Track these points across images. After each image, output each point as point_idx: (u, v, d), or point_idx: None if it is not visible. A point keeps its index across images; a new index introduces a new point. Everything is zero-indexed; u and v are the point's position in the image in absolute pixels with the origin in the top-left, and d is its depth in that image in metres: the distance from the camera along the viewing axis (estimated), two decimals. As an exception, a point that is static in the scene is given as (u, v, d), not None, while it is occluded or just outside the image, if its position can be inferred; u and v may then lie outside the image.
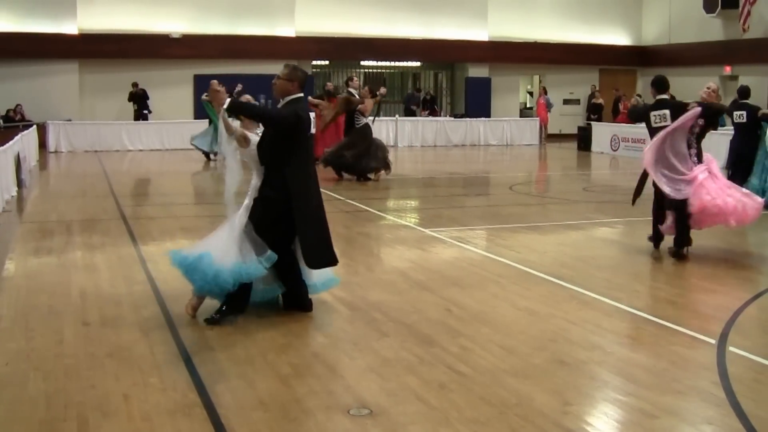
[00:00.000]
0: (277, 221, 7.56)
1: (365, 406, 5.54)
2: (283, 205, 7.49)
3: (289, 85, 7.58)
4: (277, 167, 7.51)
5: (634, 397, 5.75)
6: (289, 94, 7.59)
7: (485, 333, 7.25)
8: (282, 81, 7.58)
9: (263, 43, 30.37)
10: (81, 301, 8.25)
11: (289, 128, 7.45)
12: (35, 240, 11.60)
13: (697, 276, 8.69)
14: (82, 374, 6.15)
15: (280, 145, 7.48)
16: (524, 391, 5.83)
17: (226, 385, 5.94)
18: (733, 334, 7.20)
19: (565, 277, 9.25)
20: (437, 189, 16.93)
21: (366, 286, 8.85)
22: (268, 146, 7.55)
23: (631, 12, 36.17)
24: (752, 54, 29.42)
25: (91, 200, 15.84)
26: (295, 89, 7.59)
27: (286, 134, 7.46)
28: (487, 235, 12.59)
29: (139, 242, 11.29)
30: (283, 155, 7.47)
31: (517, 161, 26.81)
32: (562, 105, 34.85)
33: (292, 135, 7.47)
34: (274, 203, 7.54)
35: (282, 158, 7.47)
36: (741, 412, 5.46)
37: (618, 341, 7.22)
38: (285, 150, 7.47)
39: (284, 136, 7.46)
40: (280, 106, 7.67)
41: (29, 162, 20.02)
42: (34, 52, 27.57)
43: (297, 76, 7.62)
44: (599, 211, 14.75)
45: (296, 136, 7.49)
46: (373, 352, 6.75)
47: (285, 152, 7.47)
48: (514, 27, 33.93)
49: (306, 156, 7.70)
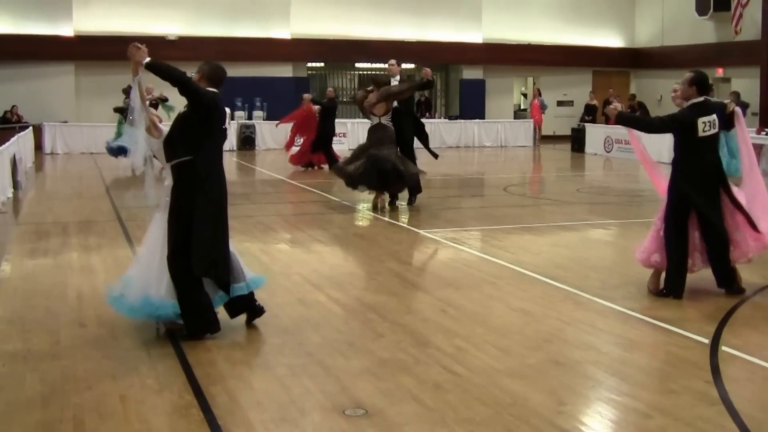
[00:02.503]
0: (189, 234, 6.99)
1: (361, 406, 5.55)
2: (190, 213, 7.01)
3: (207, 83, 7.20)
4: (186, 163, 7.00)
5: (629, 397, 5.77)
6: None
7: (480, 333, 7.27)
8: (196, 75, 7.21)
9: (259, 45, 30.36)
10: (77, 303, 8.26)
11: (207, 107, 7.05)
12: (31, 242, 11.61)
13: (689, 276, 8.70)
14: (79, 376, 6.16)
15: (193, 131, 7.02)
16: (519, 391, 5.84)
17: (222, 386, 5.95)
18: (726, 334, 7.22)
19: (560, 278, 9.27)
20: (432, 190, 16.93)
21: (361, 286, 8.87)
22: (180, 133, 7.09)
23: (624, 14, 36.22)
24: (744, 56, 29.46)
25: (87, 202, 15.85)
26: (207, 84, 7.20)
27: (201, 115, 7.03)
28: (482, 236, 12.61)
29: (135, 244, 11.26)
30: (195, 142, 6.99)
31: (512, 162, 26.84)
32: (555, 107, 34.87)
33: (206, 119, 7.07)
34: (183, 214, 7.00)
35: (193, 146, 6.99)
36: (734, 411, 5.48)
37: (612, 341, 7.24)
38: (196, 137, 7.01)
39: (198, 119, 7.03)
40: None
41: (25, 163, 20.00)
42: (30, 54, 27.50)
43: (210, 71, 7.31)
44: (593, 213, 14.79)
45: (210, 121, 7.09)
46: (368, 352, 6.77)
47: (196, 139, 7.00)
48: (508, 29, 33.95)
49: (217, 151, 7.27)
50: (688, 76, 8.47)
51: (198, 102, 7.01)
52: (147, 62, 6.93)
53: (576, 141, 29.53)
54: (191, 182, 6.96)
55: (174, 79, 6.92)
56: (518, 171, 24.40)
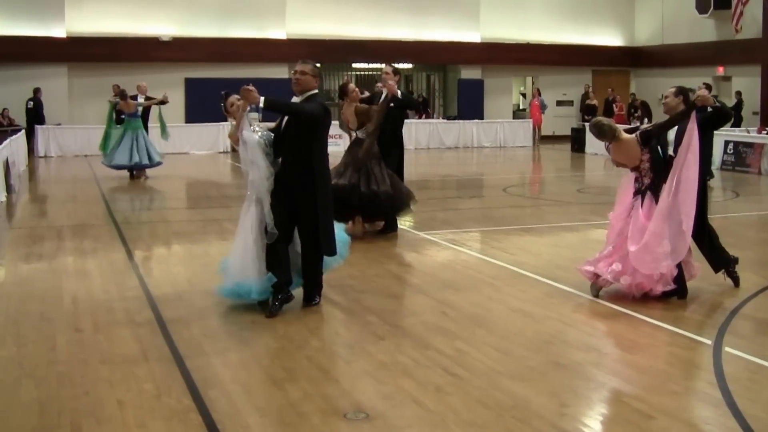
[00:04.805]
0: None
1: (361, 409, 5.51)
2: (298, 187, 7.86)
3: (313, 80, 7.99)
4: (302, 159, 7.84)
5: (631, 398, 5.74)
6: (311, 90, 7.98)
7: (481, 335, 7.23)
8: (308, 77, 7.94)
9: (254, 46, 30.21)
10: (73, 308, 8.20)
11: (319, 121, 7.87)
12: (25, 246, 11.54)
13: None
14: (76, 381, 6.11)
15: (307, 136, 7.83)
16: (521, 394, 5.81)
17: (221, 390, 5.91)
18: (728, 335, 7.20)
19: (560, 279, 9.23)
20: (431, 192, 16.91)
21: (360, 289, 8.81)
22: (294, 140, 7.84)
23: (624, 13, 36.15)
24: (745, 54, 29.41)
25: (81, 205, 15.78)
26: (317, 85, 8.04)
27: (313, 127, 7.84)
28: (482, 237, 12.57)
29: (130, 247, 11.24)
30: (311, 146, 7.84)
31: (511, 163, 26.79)
32: (555, 106, 34.81)
33: (318, 127, 7.88)
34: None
35: (308, 148, 7.83)
36: (737, 411, 5.46)
37: (614, 342, 7.21)
38: (312, 141, 7.84)
39: (311, 128, 7.84)
40: (301, 100, 7.98)
41: (18, 167, 19.86)
42: (22, 56, 27.18)
43: (319, 72, 8.07)
44: (594, 213, 14.72)
45: (322, 128, 7.93)
46: (368, 355, 6.73)
47: (312, 144, 7.85)
48: (506, 28, 33.87)
49: (326, 147, 8.11)
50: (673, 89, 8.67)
51: (315, 119, 7.83)
52: (264, 104, 7.62)
53: (576, 141, 29.46)
54: (307, 175, 7.82)
55: (290, 113, 7.90)
56: (518, 171, 24.38)
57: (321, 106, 7.96)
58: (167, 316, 7.75)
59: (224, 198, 16.61)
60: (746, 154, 22.01)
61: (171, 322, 7.57)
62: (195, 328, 7.43)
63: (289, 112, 7.96)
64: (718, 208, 14.58)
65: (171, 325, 7.50)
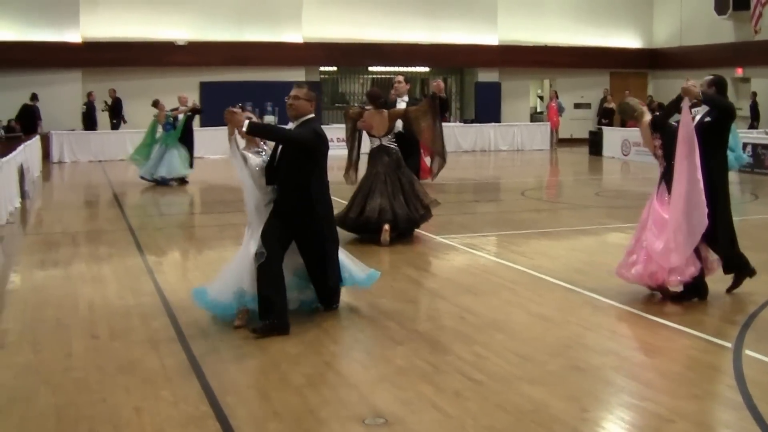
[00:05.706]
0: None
1: (380, 415, 5.49)
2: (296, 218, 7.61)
3: (308, 105, 7.71)
4: (297, 186, 7.59)
5: (651, 402, 5.69)
6: (306, 114, 7.70)
7: (500, 340, 7.19)
8: (302, 101, 7.67)
9: (270, 50, 30.23)
10: (89, 314, 8.20)
11: (313, 148, 7.57)
12: (41, 252, 11.55)
13: (711, 279, 8.59)
14: (92, 388, 6.10)
15: (302, 164, 7.56)
16: (540, 398, 5.77)
17: (238, 397, 5.89)
18: (749, 338, 7.15)
19: (579, 283, 9.17)
20: (448, 195, 16.84)
21: (378, 294, 8.77)
22: (289, 166, 7.57)
23: (642, 14, 36.01)
24: (764, 56, 29.24)
25: (96, 211, 15.83)
26: (312, 109, 7.75)
27: (308, 154, 7.56)
28: (499, 241, 12.52)
29: (146, 253, 11.24)
30: (306, 174, 7.59)
31: (528, 166, 26.71)
32: (572, 109, 34.70)
33: (314, 154, 7.59)
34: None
35: (305, 177, 7.59)
36: (758, 415, 5.42)
37: (633, 346, 7.16)
38: (307, 169, 7.59)
39: (306, 156, 7.56)
40: (295, 126, 7.74)
41: (32, 173, 19.94)
42: (36, 61, 27.30)
43: (314, 96, 7.79)
44: (611, 216, 14.66)
45: (317, 155, 7.62)
46: (386, 360, 6.70)
47: (307, 171, 7.59)
48: (523, 31, 33.78)
49: (325, 172, 7.85)
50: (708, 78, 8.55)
51: (307, 147, 7.54)
52: (246, 129, 7.34)
53: (593, 144, 29.36)
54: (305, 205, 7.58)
55: (278, 139, 7.70)
56: (535, 175, 24.33)
57: (314, 132, 7.59)
58: (183, 322, 7.74)
59: (240, 202, 16.35)
60: (765, 156, 21.89)
61: (187, 328, 7.55)
62: (212, 333, 7.42)
63: (274, 138, 7.76)
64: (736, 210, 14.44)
65: (187, 330, 7.49)
